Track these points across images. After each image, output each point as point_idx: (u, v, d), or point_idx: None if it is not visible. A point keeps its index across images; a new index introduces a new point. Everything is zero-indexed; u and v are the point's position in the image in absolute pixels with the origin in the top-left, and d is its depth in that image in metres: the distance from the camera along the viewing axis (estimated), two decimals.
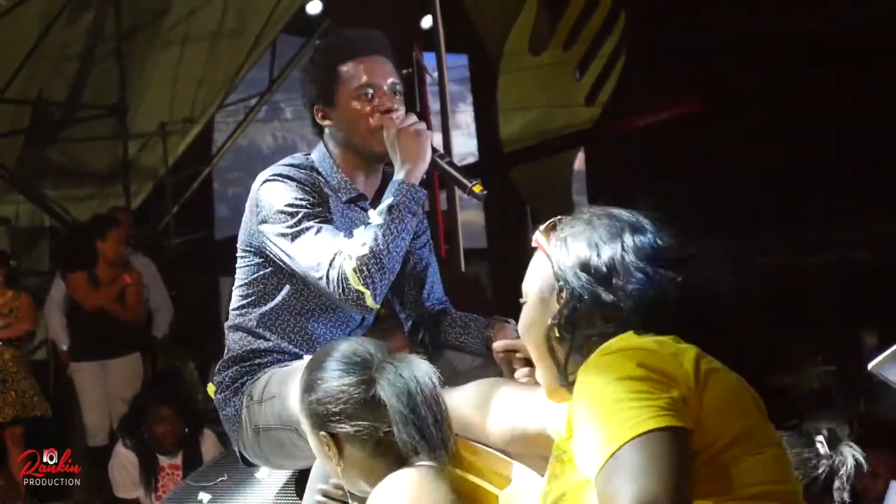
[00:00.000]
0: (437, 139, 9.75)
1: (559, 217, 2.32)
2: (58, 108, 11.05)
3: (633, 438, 1.88)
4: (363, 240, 3.13)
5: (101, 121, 10.97)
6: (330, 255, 3.13)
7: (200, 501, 3.49)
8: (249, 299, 3.35)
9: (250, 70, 11.53)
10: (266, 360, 3.33)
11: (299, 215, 3.19)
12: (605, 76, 13.05)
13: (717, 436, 1.95)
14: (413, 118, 3.33)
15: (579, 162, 14.23)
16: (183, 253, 10.78)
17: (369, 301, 3.12)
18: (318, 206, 3.24)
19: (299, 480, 3.41)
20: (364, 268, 3.09)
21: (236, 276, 3.40)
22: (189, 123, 11.27)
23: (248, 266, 3.35)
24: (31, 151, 10.86)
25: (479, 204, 14.80)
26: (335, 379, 2.54)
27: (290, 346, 3.34)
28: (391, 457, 2.47)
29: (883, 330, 9.92)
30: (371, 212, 3.23)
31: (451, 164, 3.41)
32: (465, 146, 13.89)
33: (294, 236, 3.18)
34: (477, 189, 3.31)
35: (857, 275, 11.95)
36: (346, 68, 3.35)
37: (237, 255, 3.39)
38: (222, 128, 12.39)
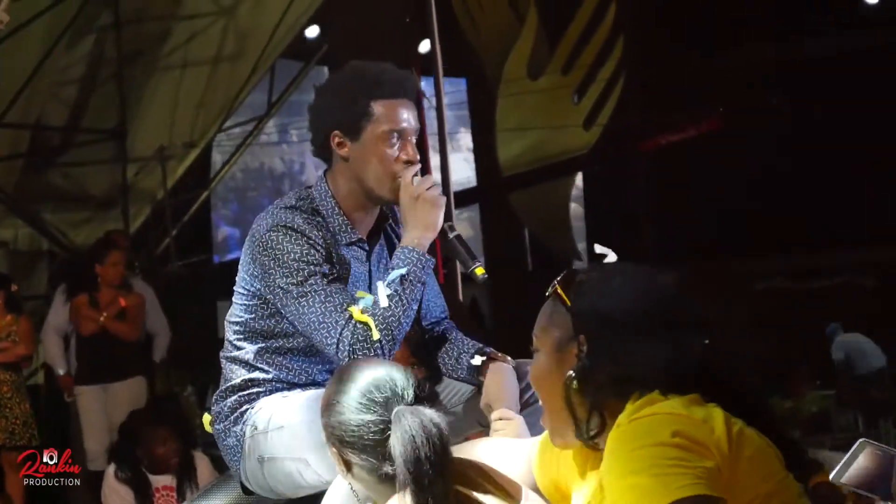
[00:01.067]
0: (435, 162, 9.79)
1: (579, 269, 2.30)
2: (57, 132, 11.06)
3: None
4: (377, 314, 3.13)
5: (100, 145, 10.98)
6: (340, 323, 3.12)
7: None
8: (246, 335, 3.32)
9: (249, 94, 11.55)
10: (265, 388, 3.31)
11: (306, 272, 3.16)
12: (603, 100, 13.08)
13: (749, 498, 1.96)
14: (431, 181, 3.30)
15: (577, 185, 14.25)
16: (181, 277, 10.78)
17: None
18: (325, 264, 3.20)
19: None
20: (378, 344, 3.10)
21: (233, 309, 3.36)
22: (188, 147, 11.28)
23: (245, 305, 3.31)
24: (30, 175, 10.87)
25: (478, 227, 14.86)
26: (353, 412, 2.53)
27: (291, 377, 3.33)
28: (397, 485, 2.49)
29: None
30: (380, 284, 3.19)
31: (459, 238, 3.39)
32: (463, 170, 13.91)
33: (301, 295, 3.15)
34: (479, 272, 3.30)
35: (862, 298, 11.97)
36: (379, 107, 3.28)
37: (236, 288, 3.37)
38: (221, 151, 12.41)
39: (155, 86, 11.08)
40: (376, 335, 3.11)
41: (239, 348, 3.33)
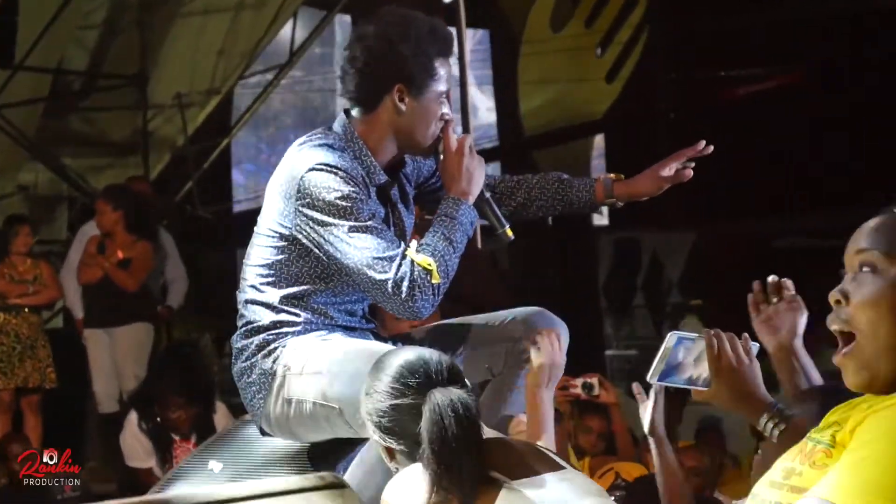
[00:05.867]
0: (456, 116, 9.74)
1: None
2: (78, 77, 11.05)
3: None
4: (435, 253, 3.17)
5: (121, 90, 10.97)
6: (396, 261, 3.14)
7: (211, 471, 3.49)
8: (269, 279, 3.31)
9: (270, 42, 11.51)
10: (296, 330, 3.31)
11: (354, 209, 3.16)
12: (626, 53, 12.98)
13: None
14: (471, 139, 3.36)
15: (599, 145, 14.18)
16: (200, 224, 10.79)
17: (425, 314, 3.16)
18: (369, 200, 3.22)
19: (312, 451, 3.41)
20: (437, 286, 3.14)
21: (254, 252, 3.35)
22: (209, 94, 11.26)
23: (271, 247, 3.30)
24: (50, 120, 10.87)
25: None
26: (388, 398, 2.60)
27: (322, 320, 3.33)
28: (423, 462, 2.51)
29: None
30: (434, 227, 3.24)
31: (490, 201, 3.43)
32: (484, 127, 13.85)
33: (352, 231, 3.14)
34: (508, 233, 3.34)
35: None
36: (440, 66, 3.33)
37: (259, 232, 3.35)
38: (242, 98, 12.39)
39: (176, 32, 11.04)
40: (437, 278, 3.13)
41: (263, 291, 3.32)
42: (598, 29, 12.94)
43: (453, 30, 8.99)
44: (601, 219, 12.01)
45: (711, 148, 3.47)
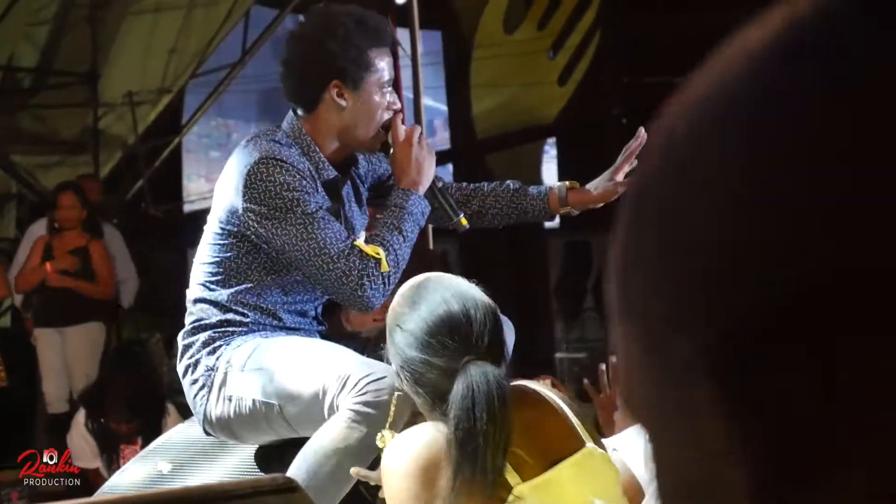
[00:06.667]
0: (409, 116, 9.75)
1: None
2: (28, 74, 10.97)
3: None
4: (384, 243, 3.18)
5: (72, 88, 10.90)
6: (345, 252, 3.14)
7: (160, 472, 3.47)
8: (218, 278, 3.31)
9: (223, 40, 11.46)
10: (242, 329, 3.30)
11: (302, 202, 3.15)
12: (578, 56, 13.02)
13: None
14: (419, 129, 3.36)
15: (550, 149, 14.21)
16: (151, 223, 10.73)
17: (376, 304, 3.16)
18: (317, 193, 3.22)
19: (260, 453, 3.41)
20: (387, 275, 3.14)
21: (204, 250, 3.34)
22: (160, 93, 11.20)
23: (220, 245, 3.30)
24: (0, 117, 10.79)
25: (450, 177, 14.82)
26: (421, 350, 2.39)
27: (270, 321, 3.32)
28: (448, 429, 2.38)
29: None
30: (384, 217, 3.25)
31: (444, 190, 3.43)
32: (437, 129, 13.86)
33: (299, 223, 3.14)
34: (463, 222, 3.35)
35: None
36: (376, 57, 3.32)
37: (209, 230, 3.35)
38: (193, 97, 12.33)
39: (128, 30, 10.97)
40: (385, 267, 3.13)
41: (213, 290, 3.31)
42: (551, 31, 12.97)
43: (407, 31, 9.02)
44: (552, 221, 12.04)
45: None
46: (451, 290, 2.45)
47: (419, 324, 2.41)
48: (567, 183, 3.54)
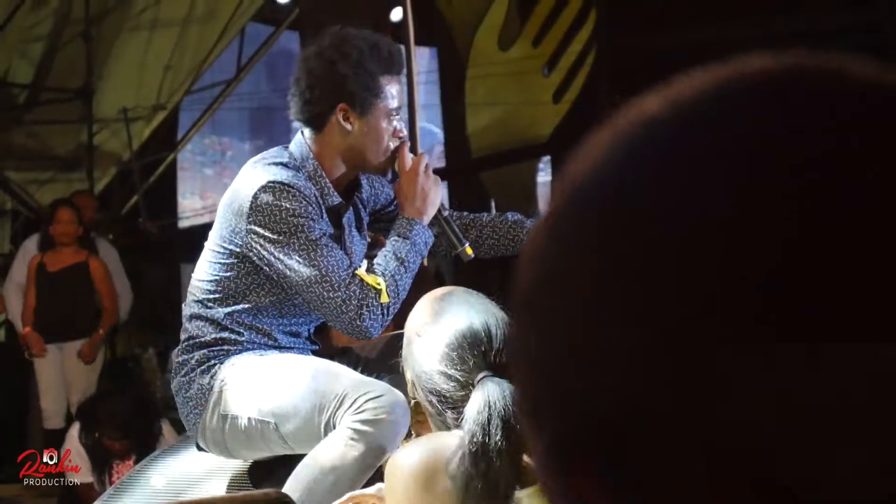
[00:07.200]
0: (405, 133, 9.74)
1: None
2: (23, 90, 10.97)
3: None
4: (385, 273, 3.17)
5: (66, 104, 10.89)
6: (346, 280, 3.13)
7: (154, 487, 3.47)
8: (216, 296, 3.31)
9: (218, 57, 11.48)
10: (237, 348, 3.31)
11: (306, 227, 3.16)
12: (573, 74, 13.04)
13: None
14: (426, 158, 3.36)
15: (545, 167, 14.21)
16: (145, 239, 10.73)
17: (374, 333, 3.16)
18: (321, 220, 3.22)
19: (254, 469, 3.41)
20: (385, 307, 3.14)
21: (203, 268, 3.34)
22: (155, 109, 11.21)
23: (220, 263, 3.30)
24: None
25: (445, 194, 14.85)
26: (437, 363, 2.37)
27: (265, 340, 3.32)
28: (460, 439, 2.37)
29: None
30: (387, 247, 3.24)
31: (449, 218, 3.43)
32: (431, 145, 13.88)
33: (302, 249, 3.14)
34: (468, 251, 3.34)
35: None
36: (387, 84, 3.31)
37: (209, 248, 3.35)
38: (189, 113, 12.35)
39: (123, 46, 10.99)
40: (385, 298, 3.13)
41: (209, 307, 3.31)
42: (546, 49, 12.99)
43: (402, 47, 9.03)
44: None
45: None
46: (474, 306, 2.45)
47: (440, 336, 2.40)
48: None
